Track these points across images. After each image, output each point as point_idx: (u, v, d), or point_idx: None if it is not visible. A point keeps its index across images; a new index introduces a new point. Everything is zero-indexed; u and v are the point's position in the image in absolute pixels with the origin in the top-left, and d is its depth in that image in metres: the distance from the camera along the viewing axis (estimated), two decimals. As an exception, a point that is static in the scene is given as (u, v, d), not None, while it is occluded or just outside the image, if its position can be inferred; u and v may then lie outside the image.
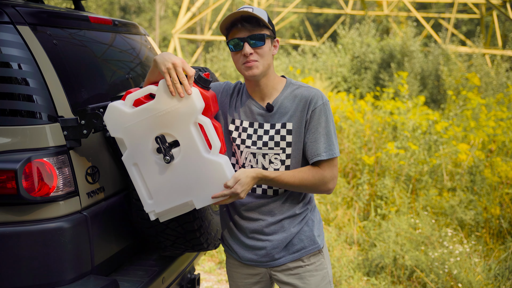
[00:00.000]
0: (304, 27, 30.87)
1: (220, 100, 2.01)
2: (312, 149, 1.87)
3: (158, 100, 1.77)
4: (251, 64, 1.82)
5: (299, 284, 1.98)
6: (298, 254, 1.97)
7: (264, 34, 1.82)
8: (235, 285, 2.12)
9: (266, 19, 1.83)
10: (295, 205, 1.96)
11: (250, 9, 1.82)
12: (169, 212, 1.90)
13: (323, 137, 1.86)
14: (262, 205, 1.94)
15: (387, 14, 17.45)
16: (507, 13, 13.06)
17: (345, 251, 4.37)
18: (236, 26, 1.82)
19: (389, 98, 7.90)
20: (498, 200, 4.58)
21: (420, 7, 25.01)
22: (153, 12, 30.92)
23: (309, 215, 2.00)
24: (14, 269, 1.74)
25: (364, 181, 5.09)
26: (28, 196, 1.71)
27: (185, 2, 15.17)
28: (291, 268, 1.98)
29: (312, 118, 1.86)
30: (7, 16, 1.82)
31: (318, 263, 2.00)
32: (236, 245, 2.03)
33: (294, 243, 1.96)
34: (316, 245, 1.98)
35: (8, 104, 1.77)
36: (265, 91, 1.92)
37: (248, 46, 1.81)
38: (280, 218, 1.95)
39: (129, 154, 1.85)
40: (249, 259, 2.00)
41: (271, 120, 1.91)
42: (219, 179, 1.78)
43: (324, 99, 1.88)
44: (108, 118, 1.84)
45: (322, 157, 1.85)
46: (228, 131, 1.98)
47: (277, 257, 1.97)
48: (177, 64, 1.70)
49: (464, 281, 3.56)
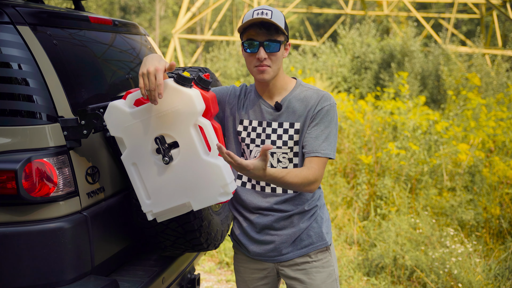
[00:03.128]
0: (304, 27, 30.87)
1: (228, 102, 2.04)
2: (311, 144, 1.88)
3: (159, 100, 1.77)
4: (263, 69, 1.86)
5: (306, 279, 2.02)
6: (305, 250, 2.01)
7: (280, 41, 1.85)
8: (242, 280, 2.16)
9: (283, 25, 1.85)
10: (304, 202, 2.00)
11: (270, 11, 1.82)
12: (167, 213, 1.90)
13: (323, 135, 1.89)
14: (272, 202, 1.98)
15: (387, 14, 17.45)
16: (507, 13, 13.06)
17: (345, 251, 4.37)
18: (254, 28, 1.83)
19: (389, 98, 7.90)
20: (498, 200, 4.58)
21: (420, 7, 25.01)
22: (153, 12, 30.92)
23: (318, 212, 2.05)
24: (14, 269, 1.74)
25: (364, 181, 5.09)
26: (28, 196, 1.71)
27: (185, 2, 15.17)
28: (298, 264, 2.02)
29: (318, 115, 1.89)
30: (7, 16, 1.82)
31: (325, 260, 2.04)
32: (245, 240, 2.06)
33: (303, 239, 2.00)
34: (324, 241, 2.02)
35: (8, 104, 1.77)
36: (273, 90, 1.96)
37: (263, 50, 1.83)
38: (289, 214, 1.98)
39: (128, 154, 1.85)
40: (258, 254, 2.04)
41: (279, 119, 1.94)
42: (217, 181, 1.79)
43: (332, 101, 1.92)
44: (108, 117, 1.84)
45: (318, 154, 1.87)
46: (237, 132, 2.01)
47: (285, 252, 2.01)
48: (150, 71, 1.66)
49: (464, 281, 3.56)
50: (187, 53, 27.15)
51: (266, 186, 1.98)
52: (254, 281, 2.12)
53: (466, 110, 7.07)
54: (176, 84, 1.76)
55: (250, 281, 2.13)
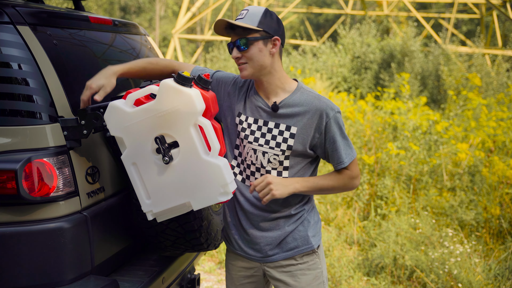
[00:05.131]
0: (304, 27, 30.87)
1: (228, 92, 2.04)
2: (334, 157, 1.95)
3: (159, 100, 1.77)
4: (241, 67, 1.90)
5: (290, 281, 2.03)
6: (291, 253, 2.02)
7: (249, 38, 1.85)
8: (230, 276, 2.19)
9: (255, 22, 1.84)
10: (291, 206, 2.00)
11: (246, 11, 1.88)
12: (167, 213, 1.90)
13: (341, 145, 1.93)
14: (261, 204, 1.97)
15: (387, 14, 17.45)
16: (507, 13, 13.06)
17: (345, 251, 4.37)
18: (226, 31, 1.91)
19: (390, 98, 7.90)
20: (498, 200, 4.58)
21: (420, 7, 25.01)
22: (153, 12, 30.92)
23: (305, 216, 2.04)
24: (14, 269, 1.74)
25: (364, 181, 5.09)
26: (28, 196, 1.71)
27: (185, 2, 15.17)
28: (284, 266, 2.03)
29: (328, 130, 1.91)
30: (7, 16, 1.82)
31: (311, 262, 2.04)
32: (234, 236, 2.09)
33: (288, 242, 2.01)
34: (309, 245, 2.03)
35: (8, 104, 1.77)
36: (269, 89, 1.95)
37: (235, 50, 1.89)
38: (276, 217, 1.99)
39: (129, 154, 1.85)
40: (246, 252, 2.06)
41: (276, 120, 1.94)
42: (217, 181, 1.79)
43: (335, 109, 1.92)
44: (108, 116, 1.84)
45: (345, 164, 1.94)
46: (235, 124, 2.01)
47: (271, 254, 2.02)
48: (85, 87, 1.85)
49: (464, 281, 3.56)
50: (187, 53, 27.15)
51: None
52: (240, 279, 2.14)
53: (467, 110, 7.08)
54: (176, 84, 1.76)
55: (236, 279, 2.15)
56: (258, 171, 1.96)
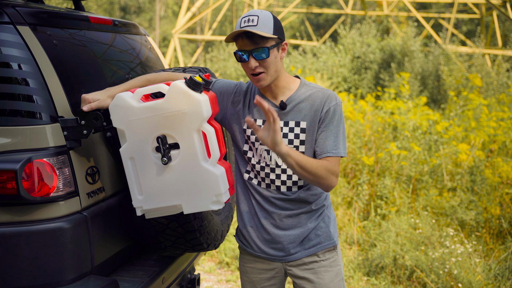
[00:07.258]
0: (304, 27, 30.86)
1: (232, 101, 2.03)
2: (321, 145, 1.90)
3: (168, 100, 1.77)
4: (258, 77, 1.87)
5: (314, 278, 2.03)
6: (313, 249, 2.02)
7: (268, 48, 1.82)
8: (249, 280, 2.14)
9: (271, 30, 1.82)
10: (312, 201, 2.00)
11: (256, 16, 1.81)
12: (157, 211, 1.90)
13: (333, 135, 1.90)
14: (281, 200, 1.98)
15: (387, 14, 17.45)
16: (507, 13, 13.06)
17: (345, 251, 4.37)
18: (241, 38, 1.84)
19: (390, 98, 7.90)
20: (498, 200, 4.58)
21: (420, 7, 25.00)
22: (153, 12, 30.91)
23: (326, 212, 2.06)
24: (14, 269, 1.74)
25: (364, 181, 5.09)
26: (28, 197, 1.71)
27: (185, 2, 15.16)
28: (307, 263, 2.03)
29: (326, 116, 1.90)
30: (7, 16, 1.82)
31: (332, 259, 2.06)
32: (254, 239, 2.05)
33: (311, 238, 2.02)
34: (332, 241, 2.04)
35: (8, 104, 1.76)
36: (276, 91, 1.96)
37: (253, 59, 1.83)
38: (297, 213, 1.99)
39: (128, 147, 1.86)
40: (266, 253, 2.04)
41: (284, 118, 1.94)
42: (212, 189, 1.79)
43: (338, 100, 1.93)
44: (114, 107, 1.84)
45: (329, 154, 1.89)
46: (243, 130, 2.01)
47: (293, 252, 2.02)
48: (82, 100, 1.88)
49: (464, 281, 3.56)
50: (187, 53, 27.15)
51: (271, 184, 1.98)
52: (261, 282, 2.11)
53: (467, 110, 7.07)
54: (187, 87, 1.76)
55: (257, 282, 2.12)
56: (273, 171, 1.96)
